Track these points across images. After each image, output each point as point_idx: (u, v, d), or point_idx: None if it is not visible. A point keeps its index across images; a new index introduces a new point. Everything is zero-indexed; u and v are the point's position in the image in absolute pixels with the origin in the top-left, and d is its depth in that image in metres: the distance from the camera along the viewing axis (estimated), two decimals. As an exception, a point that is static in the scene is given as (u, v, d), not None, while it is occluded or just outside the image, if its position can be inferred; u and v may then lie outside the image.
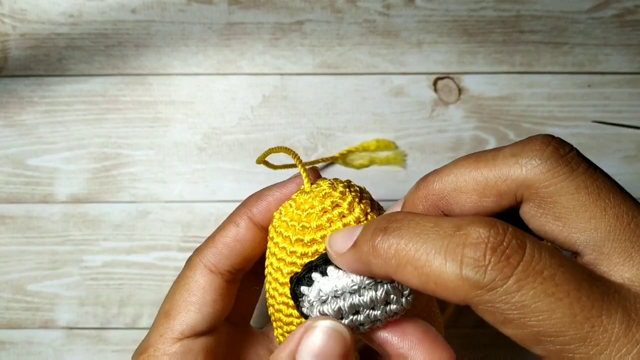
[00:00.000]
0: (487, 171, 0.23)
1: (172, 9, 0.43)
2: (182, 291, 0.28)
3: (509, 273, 0.19)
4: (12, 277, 0.44)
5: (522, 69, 0.44)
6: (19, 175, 0.43)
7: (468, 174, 0.23)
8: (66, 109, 0.43)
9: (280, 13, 0.43)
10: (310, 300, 0.24)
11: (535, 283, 0.19)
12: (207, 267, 0.28)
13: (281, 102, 0.43)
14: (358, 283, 0.24)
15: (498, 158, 0.23)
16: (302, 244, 0.25)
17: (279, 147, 0.28)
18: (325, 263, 0.24)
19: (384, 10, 0.43)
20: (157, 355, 0.27)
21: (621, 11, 0.43)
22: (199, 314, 0.28)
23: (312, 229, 0.25)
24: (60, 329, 0.44)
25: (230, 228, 0.28)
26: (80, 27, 0.43)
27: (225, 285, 0.28)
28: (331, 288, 0.24)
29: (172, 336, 0.27)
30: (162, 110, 0.43)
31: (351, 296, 0.24)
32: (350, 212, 0.25)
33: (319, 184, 0.27)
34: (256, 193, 0.29)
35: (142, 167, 0.44)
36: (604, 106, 0.44)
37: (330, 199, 0.26)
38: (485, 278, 0.19)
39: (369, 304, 0.24)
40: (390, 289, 0.24)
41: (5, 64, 0.43)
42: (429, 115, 0.44)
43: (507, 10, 0.43)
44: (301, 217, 0.26)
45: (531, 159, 0.22)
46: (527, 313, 0.19)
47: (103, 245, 0.44)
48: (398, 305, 0.24)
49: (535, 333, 0.19)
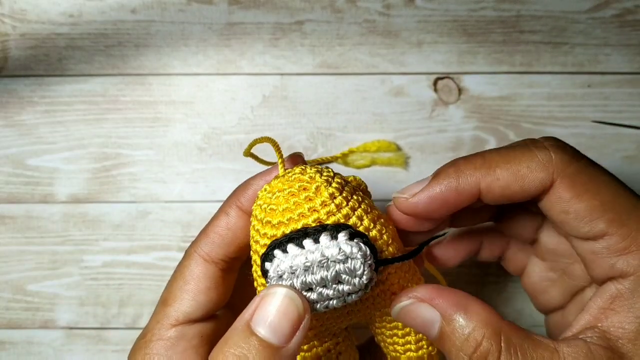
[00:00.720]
0: (519, 164, 0.27)
1: (172, 9, 0.43)
2: (178, 280, 0.29)
3: (582, 155, 0.27)
4: (12, 277, 0.44)
5: (522, 69, 0.44)
6: (19, 175, 0.43)
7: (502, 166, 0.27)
8: (66, 109, 0.43)
9: (280, 13, 0.43)
10: (270, 275, 0.25)
11: (597, 165, 0.27)
12: (202, 257, 0.29)
13: (281, 102, 0.43)
14: (311, 261, 0.24)
15: (524, 150, 0.27)
16: (271, 226, 0.26)
17: (262, 137, 0.28)
18: (288, 241, 0.25)
19: (384, 10, 0.43)
20: (154, 340, 0.28)
21: (621, 11, 0.43)
22: (194, 301, 0.29)
23: (279, 212, 0.26)
24: (60, 329, 0.44)
25: (221, 217, 0.30)
26: (80, 27, 0.43)
27: (220, 274, 0.29)
28: (288, 265, 0.24)
29: (168, 322, 0.29)
30: (162, 110, 0.43)
31: (304, 273, 0.24)
32: (316, 196, 0.26)
33: (293, 170, 0.27)
34: (243, 182, 0.30)
35: (142, 167, 0.44)
36: (604, 106, 0.44)
37: (298, 183, 0.26)
38: (568, 154, 0.27)
39: (320, 282, 0.24)
40: (342, 269, 0.24)
41: (5, 64, 0.43)
42: (429, 115, 0.44)
43: (507, 10, 0.43)
44: (271, 200, 0.26)
45: (554, 146, 0.27)
46: (598, 182, 0.26)
47: (103, 245, 0.44)
48: (350, 285, 0.25)
49: (603, 201, 0.25)
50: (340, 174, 0.28)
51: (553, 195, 0.26)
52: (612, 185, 0.26)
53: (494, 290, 0.45)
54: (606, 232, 0.25)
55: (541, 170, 0.26)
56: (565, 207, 0.26)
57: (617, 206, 0.25)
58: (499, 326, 0.24)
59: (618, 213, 0.25)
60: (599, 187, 0.26)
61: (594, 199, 0.25)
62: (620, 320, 0.24)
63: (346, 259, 0.24)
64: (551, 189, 0.26)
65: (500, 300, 0.45)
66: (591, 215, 0.25)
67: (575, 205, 0.26)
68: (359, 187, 0.29)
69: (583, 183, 0.26)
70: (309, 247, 0.25)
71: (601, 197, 0.25)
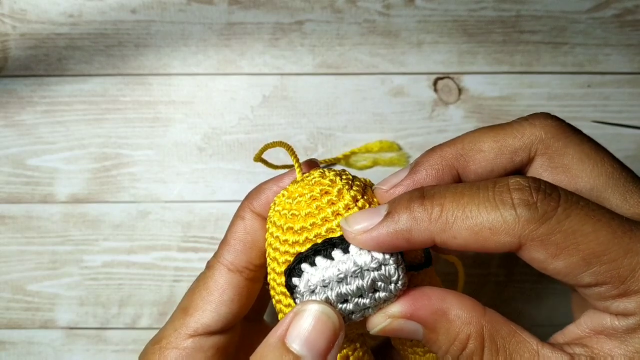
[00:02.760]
0: (504, 132, 0.26)
1: (172, 9, 0.43)
2: (202, 290, 0.29)
3: (555, 205, 0.22)
4: (12, 277, 0.44)
5: (522, 69, 0.44)
6: (19, 175, 0.43)
7: (486, 134, 0.26)
8: (66, 109, 0.43)
9: (280, 13, 0.43)
10: (300, 290, 0.24)
11: (578, 209, 0.22)
12: (226, 266, 0.29)
13: (281, 102, 0.43)
14: (344, 272, 0.24)
15: (513, 123, 0.27)
16: (293, 232, 0.25)
17: (274, 142, 0.28)
18: (314, 254, 0.24)
19: (384, 10, 0.43)
20: (169, 348, 0.28)
21: (621, 11, 0.43)
22: (215, 313, 0.28)
23: (301, 217, 0.25)
24: (60, 329, 0.44)
25: (238, 223, 0.29)
26: (80, 27, 0.43)
27: (245, 283, 0.29)
28: (319, 278, 0.24)
29: (185, 332, 0.28)
30: (162, 110, 0.43)
31: (338, 285, 0.24)
32: (339, 199, 0.25)
33: (311, 174, 0.27)
34: (256, 188, 0.30)
35: (142, 167, 0.44)
36: (603, 106, 0.44)
37: (319, 187, 0.26)
38: (538, 212, 0.22)
39: (356, 292, 0.24)
40: (377, 276, 0.24)
41: (5, 64, 0.43)
42: (429, 115, 0.44)
43: (507, 10, 0.43)
44: (292, 205, 0.26)
45: (544, 119, 0.26)
46: (577, 237, 0.22)
47: (103, 245, 0.44)
48: (386, 292, 0.24)
49: (586, 256, 0.22)
50: (357, 177, 0.28)
51: (525, 254, 0.23)
52: (602, 229, 0.22)
53: (494, 290, 0.45)
54: (596, 283, 0.23)
55: (505, 234, 0.22)
56: (541, 265, 0.23)
57: (605, 255, 0.22)
58: (481, 325, 0.24)
59: (606, 263, 0.22)
60: (582, 238, 0.22)
61: (574, 255, 0.22)
62: (611, 349, 0.23)
63: (379, 265, 0.24)
64: (521, 250, 0.23)
65: (500, 300, 0.45)
66: (573, 272, 0.22)
67: (553, 264, 0.23)
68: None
69: (558, 242, 0.22)
70: (339, 257, 0.24)
71: (584, 251, 0.22)
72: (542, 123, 0.26)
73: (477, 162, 0.26)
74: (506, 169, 0.26)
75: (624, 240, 0.22)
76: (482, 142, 0.26)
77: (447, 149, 0.27)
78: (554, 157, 0.26)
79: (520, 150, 0.26)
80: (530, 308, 0.45)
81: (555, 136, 0.26)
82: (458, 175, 0.27)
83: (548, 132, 0.26)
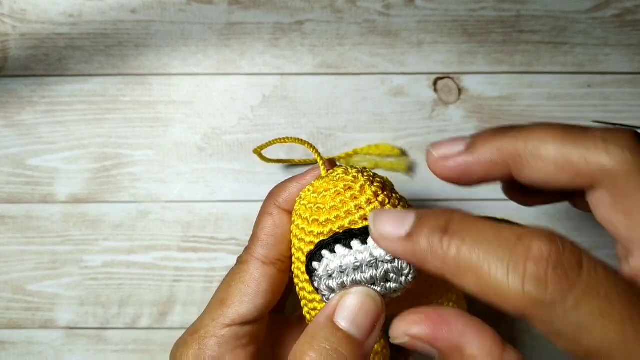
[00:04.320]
0: (574, 148, 0.23)
1: (172, 9, 0.43)
2: (238, 283, 0.31)
3: (568, 291, 0.20)
4: (12, 277, 0.44)
5: (522, 69, 0.44)
6: (19, 175, 0.43)
7: (553, 143, 0.24)
8: (66, 109, 0.43)
9: (280, 13, 0.43)
10: (319, 274, 0.27)
11: (592, 301, 0.20)
12: (260, 260, 0.31)
13: (281, 102, 0.43)
14: (361, 261, 0.26)
15: (588, 139, 0.23)
16: (318, 224, 0.28)
17: (293, 138, 0.31)
18: (335, 242, 0.27)
19: (384, 10, 0.43)
20: (207, 337, 0.30)
21: (621, 11, 0.43)
22: (252, 304, 0.31)
23: (326, 210, 0.28)
24: (60, 329, 0.44)
25: (266, 219, 0.31)
26: (80, 27, 0.43)
27: (278, 275, 0.31)
28: (337, 264, 0.26)
29: (223, 322, 0.30)
30: (162, 110, 0.43)
31: (354, 272, 0.26)
32: (361, 194, 0.27)
33: (335, 170, 0.29)
34: (279, 185, 0.32)
35: (142, 167, 0.44)
36: (604, 106, 0.44)
37: (343, 182, 0.28)
38: (546, 295, 0.20)
39: (369, 280, 0.26)
40: (390, 268, 0.26)
41: (5, 64, 0.43)
42: (429, 115, 0.44)
43: (507, 10, 0.43)
44: (317, 199, 0.28)
45: (622, 149, 0.23)
46: (582, 331, 0.20)
47: (103, 245, 0.44)
48: (397, 284, 0.27)
49: (587, 350, 0.20)
50: (377, 174, 0.30)
51: (529, 322, 0.22)
52: (612, 329, 0.20)
53: (494, 290, 0.45)
54: None
55: (508, 303, 0.21)
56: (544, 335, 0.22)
57: (609, 357, 0.20)
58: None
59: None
60: (587, 335, 0.20)
61: (575, 346, 0.21)
62: None
63: (393, 259, 0.26)
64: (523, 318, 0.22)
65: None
66: (571, 354, 0.21)
67: (554, 342, 0.21)
68: (392, 186, 0.31)
69: (560, 330, 0.21)
70: (357, 247, 0.26)
71: (585, 347, 0.20)
72: (618, 154, 0.23)
73: (534, 170, 0.24)
74: (563, 187, 0.24)
75: (634, 346, 0.19)
76: (546, 148, 0.24)
77: (507, 142, 0.25)
78: (618, 196, 0.23)
79: (585, 175, 0.23)
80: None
81: (626, 176, 0.23)
82: (510, 172, 0.25)
83: (621, 168, 0.23)
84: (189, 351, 0.30)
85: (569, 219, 0.44)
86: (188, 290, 0.44)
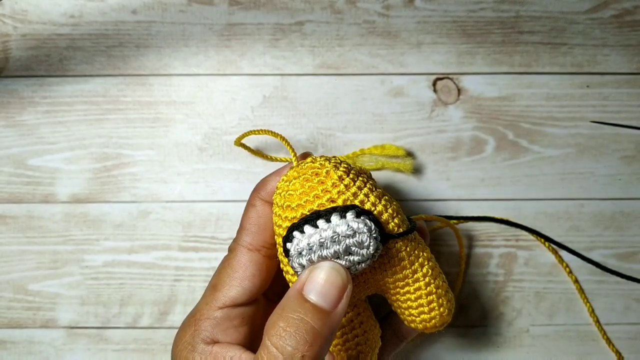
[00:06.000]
0: None
1: (172, 9, 0.43)
2: (227, 269, 0.34)
3: None
4: (14, 276, 0.44)
5: (521, 69, 0.44)
6: (20, 175, 0.44)
7: None
8: (67, 109, 0.43)
9: (280, 14, 0.43)
10: (292, 253, 0.29)
11: None
12: (245, 247, 0.34)
13: (281, 102, 0.44)
14: (325, 237, 0.28)
15: None
16: (291, 209, 0.30)
17: (262, 129, 0.35)
18: (304, 223, 0.29)
19: (384, 11, 0.43)
20: (202, 319, 0.33)
21: (620, 12, 0.43)
22: (240, 287, 0.33)
23: (297, 195, 0.30)
24: (61, 329, 0.45)
25: (251, 210, 0.34)
26: (81, 27, 0.43)
27: (263, 260, 0.34)
28: (305, 243, 0.29)
29: (215, 305, 0.33)
30: (163, 111, 0.44)
31: (320, 249, 0.28)
32: (327, 178, 0.30)
33: (305, 160, 0.32)
34: (261, 180, 0.35)
35: (143, 167, 0.44)
36: (602, 106, 0.44)
37: (310, 169, 0.31)
38: None
39: (333, 255, 0.29)
40: (351, 242, 0.28)
41: (6, 65, 0.43)
42: (429, 115, 0.44)
43: (506, 11, 0.43)
44: (289, 187, 0.31)
45: None
46: None
47: (104, 245, 0.44)
48: (359, 256, 0.29)
49: None
50: (346, 161, 0.32)
51: None
52: None
53: (494, 290, 0.45)
54: None
55: None
56: None
57: None
58: None
59: None
60: None
61: None
62: None
63: (354, 233, 0.28)
64: None
65: (500, 300, 0.45)
66: None
67: None
68: (364, 171, 0.33)
69: None
70: (322, 226, 0.29)
71: None
72: None
73: None
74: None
75: None
76: None
77: None
78: None
79: None
80: (530, 308, 0.45)
81: None
82: None
83: None
84: (186, 333, 0.33)
85: (569, 219, 0.45)
86: (189, 289, 0.44)
